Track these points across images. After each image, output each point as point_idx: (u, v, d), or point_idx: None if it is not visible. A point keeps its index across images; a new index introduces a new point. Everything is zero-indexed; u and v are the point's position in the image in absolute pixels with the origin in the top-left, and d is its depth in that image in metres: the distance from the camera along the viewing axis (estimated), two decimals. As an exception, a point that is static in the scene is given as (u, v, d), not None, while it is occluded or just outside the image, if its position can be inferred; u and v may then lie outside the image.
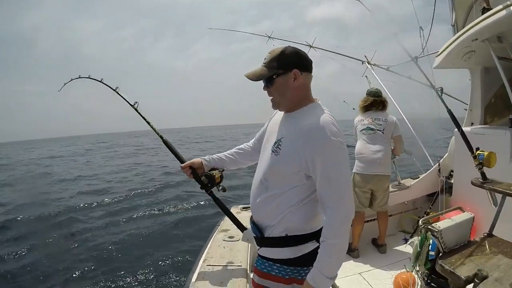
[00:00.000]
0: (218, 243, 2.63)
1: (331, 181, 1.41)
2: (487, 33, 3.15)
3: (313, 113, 1.51)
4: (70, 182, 16.67)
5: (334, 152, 1.41)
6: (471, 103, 4.27)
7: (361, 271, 3.49)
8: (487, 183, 2.33)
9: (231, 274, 2.10)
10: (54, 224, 8.99)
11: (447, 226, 2.13)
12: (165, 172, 17.30)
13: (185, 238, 7.48)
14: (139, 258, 6.57)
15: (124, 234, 7.98)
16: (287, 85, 1.56)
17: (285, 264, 1.57)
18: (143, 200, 11.33)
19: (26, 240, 7.75)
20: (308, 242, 1.56)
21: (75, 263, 6.44)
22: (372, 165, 3.72)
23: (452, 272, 1.91)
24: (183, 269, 5.75)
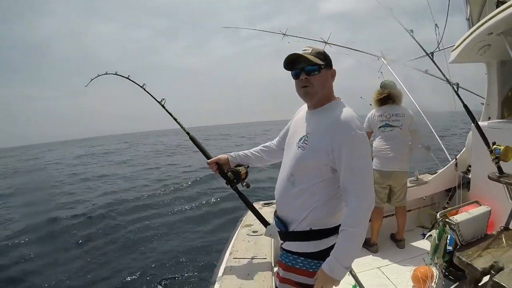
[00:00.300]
0: (243, 238, 2.71)
1: (356, 171, 1.48)
2: (502, 26, 3.14)
3: (338, 109, 1.60)
4: (95, 181, 17.08)
5: (360, 144, 1.51)
6: (488, 97, 4.24)
7: (380, 265, 3.54)
8: (504, 177, 2.34)
9: (257, 267, 2.16)
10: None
11: (464, 219, 2.16)
12: (184, 171, 17.47)
13: (207, 233, 7.69)
14: (165, 251, 6.80)
15: (150, 228, 8.31)
16: (326, 79, 1.66)
17: (309, 258, 1.64)
18: (168, 197, 11.65)
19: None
20: (331, 236, 1.63)
21: (106, 254, 6.87)
22: (391, 162, 3.75)
23: (469, 264, 1.94)
24: (207, 262, 5.94)
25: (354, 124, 1.51)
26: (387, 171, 3.76)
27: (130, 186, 14.31)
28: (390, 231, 4.11)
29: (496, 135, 3.31)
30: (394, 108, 3.82)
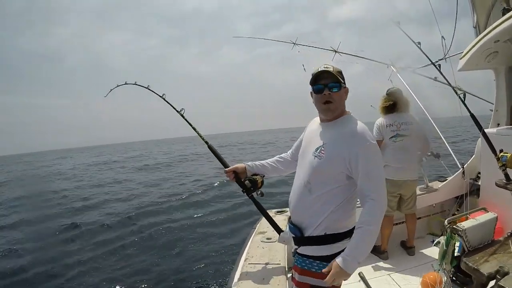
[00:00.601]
0: (257, 244, 2.79)
1: (372, 177, 1.64)
2: (508, 33, 3.18)
3: (351, 122, 1.77)
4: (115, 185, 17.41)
5: (374, 154, 1.67)
6: (496, 104, 4.26)
7: (390, 272, 3.55)
8: (511, 184, 2.37)
9: (271, 272, 2.24)
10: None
11: (471, 225, 2.19)
12: (196, 179, 17.62)
13: (221, 238, 7.81)
14: (181, 256, 6.97)
15: (168, 233, 8.49)
16: (344, 96, 1.84)
17: (324, 261, 1.73)
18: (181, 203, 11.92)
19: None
20: (344, 240, 1.74)
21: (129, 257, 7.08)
22: (402, 171, 3.75)
23: (475, 269, 1.98)
24: (222, 268, 6.05)
25: (368, 136, 1.68)
26: (398, 180, 3.75)
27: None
28: (401, 238, 4.12)
29: (505, 141, 3.33)
30: (403, 117, 3.81)
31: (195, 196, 12.78)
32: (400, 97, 3.87)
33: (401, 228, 4.08)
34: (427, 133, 4.05)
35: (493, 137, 3.42)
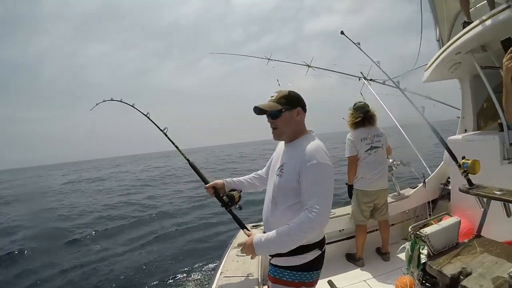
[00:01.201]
0: (232, 258, 2.91)
1: (315, 193, 1.70)
2: (469, 45, 3.35)
3: (307, 141, 1.86)
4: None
5: (319, 172, 1.74)
6: (463, 111, 4.44)
7: (366, 278, 3.65)
8: (473, 189, 2.49)
9: (245, 284, 2.36)
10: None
11: (434, 231, 2.30)
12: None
13: (201, 253, 7.81)
14: (162, 270, 7.02)
15: (145, 249, 8.52)
16: (290, 119, 1.95)
17: (294, 270, 1.84)
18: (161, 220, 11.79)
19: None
20: (312, 251, 1.85)
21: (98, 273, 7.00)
22: (376, 181, 3.89)
23: (439, 271, 2.08)
24: (200, 282, 6.10)
25: (317, 155, 1.75)
26: (372, 190, 3.89)
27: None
28: (376, 245, 4.23)
29: (472, 147, 3.50)
30: (374, 129, 3.97)
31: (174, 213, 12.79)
32: (369, 110, 4.01)
33: (376, 235, 4.20)
34: (400, 144, 4.22)
35: (459, 144, 3.59)
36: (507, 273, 1.69)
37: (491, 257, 2.13)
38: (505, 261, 2.04)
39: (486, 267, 2.01)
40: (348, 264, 4.01)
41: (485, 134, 3.75)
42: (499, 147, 3.34)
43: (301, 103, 1.99)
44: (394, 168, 4.44)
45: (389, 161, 4.39)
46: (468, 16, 3.54)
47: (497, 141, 3.35)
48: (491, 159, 3.29)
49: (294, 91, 2.03)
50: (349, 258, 4.09)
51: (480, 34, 3.06)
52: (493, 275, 1.91)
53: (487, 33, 3.03)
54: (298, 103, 1.98)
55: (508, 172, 3.20)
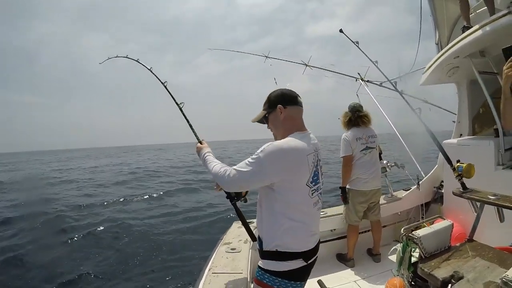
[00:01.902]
0: (222, 254, 2.85)
1: (243, 162, 1.78)
2: (467, 50, 3.35)
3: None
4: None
5: (255, 156, 1.74)
6: (459, 115, 4.45)
7: (356, 279, 3.65)
8: (466, 193, 2.48)
9: (233, 281, 2.30)
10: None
11: (426, 233, 2.30)
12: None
13: (192, 249, 7.66)
14: (150, 263, 6.87)
15: (136, 239, 8.35)
16: (276, 119, 1.93)
17: (273, 275, 1.77)
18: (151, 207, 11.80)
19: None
20: (296, 259, 1.78)
21: (80, 266, 6.76)
22: (371, 182, 3.91)
23: (430, 274, 2.07)
24: (190, 277, 5.94)
25: (264, 148, 1.73)
26: (367, 190, 3.90)
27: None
28: (367, 246, 4.23)
29: (466, 151, 3.50)
30: (368, 130, 3.99)
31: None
32: (360, 111, 4.03)
33: (368, 236, 4.20)
34: (395, 147, 4.24)
35: (454, 148, 3.59)
36: (499, 278, 1.68)
37: (483, 262, 2.12)
38: (497, 266, 2.03)
39: (478, 272, 2.00)
40: (338, 264, 4.01)
41: (481, 139, 3.75)
42: (494, 153, 3.35)
43: (281, 100, 1.93)
44: (388, 170, 4.45)
45: (383, 162, 4.41)
46: (468, 20, 3.54)
47: (492, 147, 3.36)
48: (485, 164, 3.30)
49: (279, 89, 2.00)
50: (339, 258, 4.09)
51: (480, 39, 3.05)
52: (485, 280, 1.90)
53: (487, 38, 3.03)
54: (278, 101, 1.93)
55: (502, 178, 3.21)
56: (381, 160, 4.47)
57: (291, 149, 1.74)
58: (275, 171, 1.71)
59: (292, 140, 1.78)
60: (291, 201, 1.77)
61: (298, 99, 1.96)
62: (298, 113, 1.96)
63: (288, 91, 1.97)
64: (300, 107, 1.97)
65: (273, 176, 1.72)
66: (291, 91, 1.97)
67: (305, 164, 1.77)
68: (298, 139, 1.80)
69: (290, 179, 1.74)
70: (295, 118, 1.94)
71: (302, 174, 1.77)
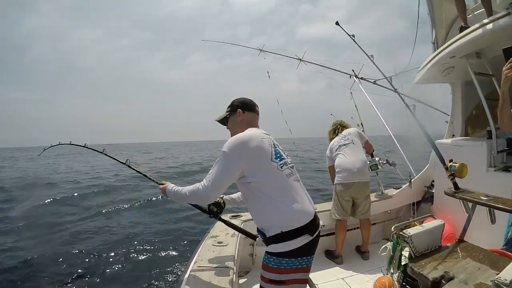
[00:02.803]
0: (208, 248, 2.80)
1: (211, 170, 1.92)
2: (464, 50, 3.34)
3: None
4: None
5: (220, 155, 1.91)
6: (452, 116, 4.45)
7: (344, 276, 3.64)
8: (459, 193, 2.46)
9: (219, 275, 2.26)
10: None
11: (417, 232, 2.28)
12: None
13: (177, 241, 7.62)
14: (135, 258, 6.73)
15: (121, 235, 8.22)
16: (234, 120, 2.21)
17: (280, 257, 1.83)
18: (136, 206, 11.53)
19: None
20: (302, 236, 1.85)
21: (68, 261, 6.53)
22: (351, 174, 3.94)
23: (420, 274, 2.05)
24: (174, 271, 5.91)
25: (226, 144, 1.91)
26: (348, 182, 3.95)
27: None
28: (356, 243, 4.23)
29: (459, 151, 3.49)
30: (342, 133, 4.30)
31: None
32: (337, 124, 4.45)
33: (357, 234, 4.19)
34: (387, 145, 4.27)
35: (447, 147, 3.58)
36: (490, 280, 1.66)
37: (474, 263, 2.11)
38: (488, 267, 2.02)
39: (469, 273, 1.98)
40: (326, 261, 4.00)
41: (473, 140, 3.75)
42: (486, 154, 3.35)
43: (242, 106, 2.20)
44: (379, 167, 4.45)
45: (375, 159, 4.42)
46: (465, 21, 3.52)
47: (485, 148, 3.36)
48: (477, 166, 3.29)
49: (241, 97, 2.26)
50: (327, 255, 4.08)
51: (477, 39, 3.05)
52: (476, 281, 1.88)
53: (484, 39, 3.02)
54: (238, 106, 2.20)
55: (493, 180, 3.21)
56: (373, 158, 4.49)
57: (247, 136, 1.95)
58: (241, 157, 1.88)
59: (246, 132, 2.03)
60: (266, 179, 1.90)
61: (256, 108, 2.26)
62: (254, 119, 2.23)
63: (248, 100, 2.26)
64: (256, 114, 2.26)
65: (241, 162, 1.88)
66: (251, 101, 2.26)
67: (262, 145, 1.94)
68: (251, 130, 2.05)
69: (256, 159, 1.90)
70: (251, 122, 2.20)
71: (264, 153, 1.93)
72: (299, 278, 1.88)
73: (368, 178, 4.06)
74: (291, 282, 1.84)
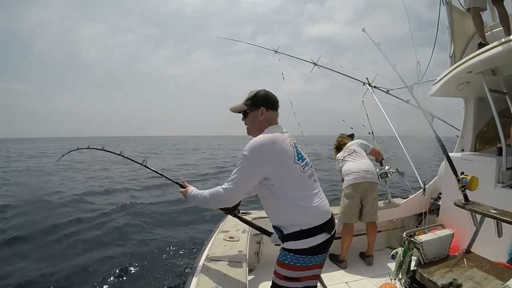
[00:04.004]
0: (220, 242, 2.84)
1: (232, 173, 1.93)
2: (481, 66, 3.38)
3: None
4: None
5: (241, 158, 1.91)
6: (463, 131, 4.49)
7: (348, 280, 3.69)
8: (469, 205, 2.52)
9: (233, 270, 2.28)
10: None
11: (428, 239, 2.34)
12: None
13: (184, 235, 7.62)
14: (146, 250, 6.68)
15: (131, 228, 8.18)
16: (256, 118, 2.12)
17: (298, 253, 1.88)
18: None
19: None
20: (320, 234, 1.90)
21: (78, 256, 6.43)
22: (358, 174, 4.04)
23: (429, 280, 2.11)
24: (184, 263, 5.91)
25: (247, 146, 1.90)
26: (356, 183, 4.03)
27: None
28: (361, 249, 4.27)
29: (468, 166, 3.54)
30: (344, 148, 4.49)
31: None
32: (339, 139, 4.67)
33: (362, 240, 4.24)
34: (396, 154, 4.34)
35: (457, 161, 3.62)
36: (499, 288, 1.72)
37: (481, 273, 2.16)
38: (495, 278, 2.07)
39: (476, 282, 2.04)
40: (330, 264, 4.03)
41: (483, 156, 3.79)
42: (495, 170, 3.39)
43: (265, 102, 2.11)
44: (389, 175, 4.51)
45: (385, 167, 4.48)
46: (483, 37, 3.57)
47: (494, 164, 3.40)
48: (485, 181, 3.32)
49: (264, 90, 2.16)
50: (332, 259, 4.12)
51: (495, 57, 3.08)
52: (482, 290, 1.95)
53: (502, 57, 3.05)
54: (262, 102, 2.10)
55: (500, 196, 3.25)
56: (382, 166, 4.55)
57: (269, 138, 1.92)
58: (264, 161, 1.88)
59: (266, 134, 1.98)
60: (288, 181, 1.91)
61: (278, 105, 2.18)
62: (276, 117, 2.17)
63: (272, 95, 2.16)
64: (277, 112, 2.19)
65: (264, 166, 1.88)
66: (274, 96, 2.17)
67: (285, 147, 1.93)
68: (271, 131, 2.01)
69: (280, 162, 1.90)
70: (272, 120, 2.14)
71: (287, 156, 1.92)
72: (313, 274, 1.95)
73: (376, 180, 4.16)
74: (305, 279, 1.90)
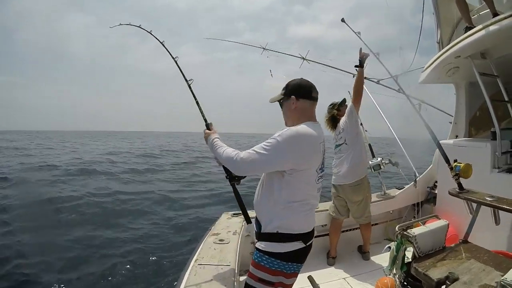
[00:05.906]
0: (209, 245, 2.77)
1: (258, 146, 1.79)
2: (469, 50, 3.31)
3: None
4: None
5: (272, 139, 1.76)
6: (456, 117, 4.44)
7: (345, 276, 3.61)
8: (463, 193, 2.45)
9: (221, 273, 2.22)
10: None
11: (422, 232, 2.27)
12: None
13: (180, 240, 7.45)
14: (134, 254, 6.49)
15: (120, 230, 7.92)
16: (288, 107, 1.99)
17: (273, 257, 1.79)
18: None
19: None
20: (296, 241, 1.80)
21: (65, 253, 6.32)
22: (337, 176, 3.89)
23: (425, 274, 2.04)
24: (177, 268, 5.75)
25: (281, 132, 1.76)
26: (336, 185, 3.91)
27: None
28: (358, 243, 4.19)
29: (462, 152, 3.47)
30: (337, 127, 3.95)
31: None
32: (333, 111, 4.03)
33: (358, 233, 4.15)
34: (389, 144, 4.22)
35: (451, 148, 3.56)
36: (495, 282, 1.65)
37: (479, 264, 2.09)
38: (493, 269, 2.00)
39: (473, 274, 1.97)
40: (326, 260, 3.97)
41: (477, 141, 3.73)
42: (490, 155, 3.33)
43: (297, 91, 1.97)
44: (382, 167, 4.43)
45: (377, 159, 4.41)
46: (469, 21, 3.49)
47: (489, 149, 3.34)
48: (481, 167, 3.26)
49: (300, 79, 2.03)
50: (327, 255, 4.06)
51: (482, 39, 3.02)
52: (480, 282, 1.87)
53: (489, 39, 2.99)
54: (293, 91, 1.97)
55: (497, 181, 3.20)
56: (374, 158, 4.47)
57: (308, 135, 1.80)
58: (292, 156, 1.75)
59: (306, 127, 1.82)
60: (300, 186, 1.82)
61: (313, 94, 1.99)
62: (310, 107, 1.99)
63: (306, 83, 2.00)
64: (313, 101, 2.00)
65: (290, 161, 1.75)
66: (309, 84, 2.00)
67: (318, 151, 1.84)
68: (310, 127, 1.83)
69: (304, 164, 1.79)
70: (306, 110, 1.97)
71: (315, 161, 1.84)
72: (289, 284, 1.87)
73: (357, 181, 3.81)
74: (279, 285, 1.82)
